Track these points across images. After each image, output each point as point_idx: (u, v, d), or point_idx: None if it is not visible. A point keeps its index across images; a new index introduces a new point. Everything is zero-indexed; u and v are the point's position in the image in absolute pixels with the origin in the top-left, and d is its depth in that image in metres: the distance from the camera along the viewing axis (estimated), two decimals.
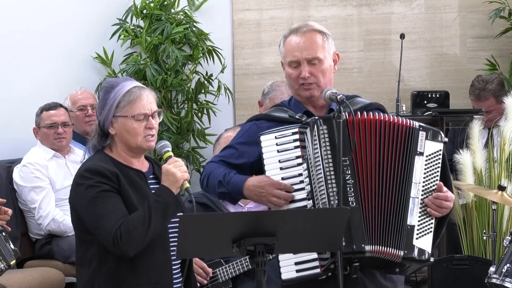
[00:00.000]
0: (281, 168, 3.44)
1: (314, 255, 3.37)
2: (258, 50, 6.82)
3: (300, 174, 3.42)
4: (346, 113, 3.40)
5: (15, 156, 6.05)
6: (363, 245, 3.33)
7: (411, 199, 3.40)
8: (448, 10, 6.84)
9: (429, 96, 6.35)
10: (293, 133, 3.45)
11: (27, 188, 5.71)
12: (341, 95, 3.40)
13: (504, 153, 5.54)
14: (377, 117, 3.44)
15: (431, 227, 3.43)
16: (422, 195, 3.43)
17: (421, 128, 3.46)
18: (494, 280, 4.50)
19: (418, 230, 3.39)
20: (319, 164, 3.37)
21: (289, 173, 3.43)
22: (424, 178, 3.44)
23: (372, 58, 6.75)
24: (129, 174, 3.53)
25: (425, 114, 6.21)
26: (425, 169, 3.44)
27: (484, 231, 5.36)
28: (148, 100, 3.57)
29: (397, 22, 6.82)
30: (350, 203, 3.35)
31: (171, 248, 3.53)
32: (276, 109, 3.66)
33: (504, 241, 4.60)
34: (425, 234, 3.41)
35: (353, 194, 3.36)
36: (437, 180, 3.45)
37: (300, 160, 3.42)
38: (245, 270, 4.56)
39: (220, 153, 3.73)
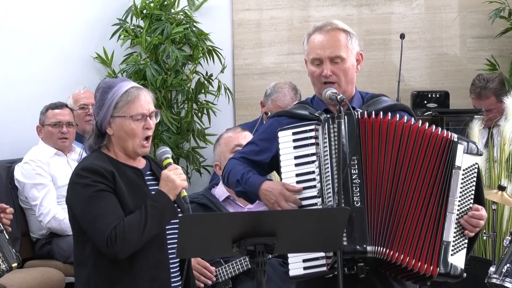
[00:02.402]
0: (296, 165, 3.44)
1: (322, 253, 3.37)
2: (258, 50, 6.82)
3: (313, 172, 3.42)
4: (359, 112, 3.41)
5: (15, 156, 6.06)
6: (364, 246, 3.32)
7: (447, 214, 3.38)
8: (448, 10, 6.84)
9: (429, 96, 6.35)
10: (310, 130, 3.45)
11: (28, 185, 5.72)
12: (340, 96, 3.40)
13: (504, 153, 5.54)
14: (418, 125, 3.42)
15: (466, 243, 3.42)
16: (458, 210, 3.40)
17: (459, 141, 3.43)
18: (494, 280, 4.50)
19: (453, 246, 3.38)
20: (328, 162, 3.38)
21: (303, 170, 3.44)
22: (461, 193, 3.41)
23: (372, 58, 6.75)
24: (125, 172, 3.53)
25: (425, 114, 6.21)
26: (461, 183, 3.41)
27: (484, 231, 5.35)
28: (146, 100, 3.57)
29: (397, 22, 6.82)
30: (355, 203, 3.34)
31: (169, 247, 3.53)
32: (298, 106, 3.68)
33: (504, 241, 4.60)
34: (459, 251, 3.39)
35: (358, 194, 3.35)
36: (472, 194, 3.43)
37: (314, 158, 3.42)
38: (245, 270, 4.56)
39: (242, 148, 3.78)
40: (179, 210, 3.56)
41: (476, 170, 3.45)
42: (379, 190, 3.38)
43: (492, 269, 4.55)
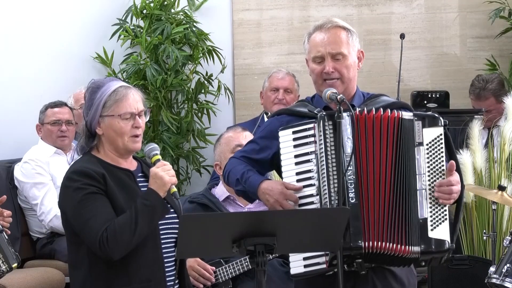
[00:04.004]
0: (296, 163, 3.46)
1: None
2: (258, 50, 6.82)
3: (312, 170, 3.43)
4: (356, 110, 3.42)
5: (15, 156, 6.06)
6: (360, 242, 3.33)
7: (418, 192, 3.39)
8: (448, 10, 6.84)
9: (429, 96, 6.35)
10: (309, 129, 3.46)
11: (28, 185, 5.72)
12: (341, 96, 3.40)
13: (504, 153, 5.54)
14: (386, 114, 3.43)
15: (445, 215, 3.41)
16: (429, 185, 3.41)
17: (415, 118, 3.44)
18: (494, 280, 4.50)
19: (431, 221, 3.38)
20: (323, 160, 3.39)
21: (302, 168, 3.45)
22: (429, 167, 3.42)
23: (372, 58, 6.74)
24: (116, 174, 3.53)
25: None
26: (427, 158, 3.42)
27: (484, 231, 5.36)
28: (135, 99, 3.56)
29: (397, 22, 6.82)
30: (350, 199, 3.36)
31: (163, 246, 3.54)
32: (298, 104, 3.70)
33: (504, 241, 4.60)
34: (439, 224, 3.39)
35: (353, 190, 3.37)
36: (443, 165, 3.42)
37: (313, 156, 3.44)
38: (245, 270, 4.56)
39: (243, 147, 3.79)
40: (172, 210, 3.57)
41: (441, 141, 3.44)
42: (369, 184, 3.39)
43: (492, 269, 4.55)
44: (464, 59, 6.83)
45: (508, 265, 4.47)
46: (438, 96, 6.35)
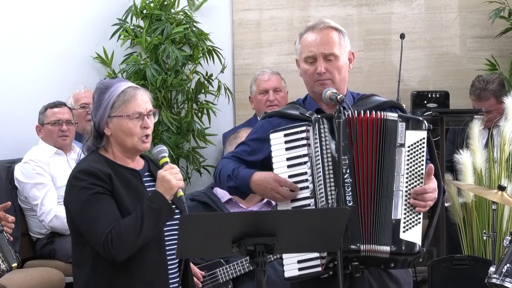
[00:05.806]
0: (288, 166, 3.45)
1: (316, 254, 3.38)
2: (258, 50, 6.82)
3: (305, 173, 3.43)
4: (350, 112, 3.41)
5: (15, 156, 6.06)
6: (358, 245, 3.34)
7: (394, 192, 3.40)
8: (448, 10, 6.84)
9: (429, 96, 6.34)
10: (301, 131, 3.46)
11: (29, 185, 5.71)
12: (341, 96, 3.40)
13: (504, 153, 5.54)
14: (373, 116, 3.44)
15: (419, 218, 3.40)
16: (406, 186, 3.41)
17: (400, 119, 3.44)
18: (494, 280, 4.50)
19: (404, 223, 3.38)
20: (319, 163, 3.39)
21: (295, 171, 3.45)
22: (408, 169, 3.42)
23: (372, 58, 6.75)
24: (123, 173, 3.53)
25: (425, 114, 6.20)
26: (407, 160, 3.42)
27: (484, 231, 5.36)
28: (143, 99, 3.56)
29: (397, 22, 6.82)
30: (347, 202, 3.36)
31: (167, 248, 3.53)
32: (290, 106, 3.69)
33: (504, 241, 4.60)
34: (412, 227, 3.38)
35: (350, 194, 3.37)
36: (422, 169, 3.42)
37: (306, 159, 3.44)
38: (246, 271, 4.56)
39: (234, 149, 3.77)
40: (177, 211, 3.56)
41: (423, 145, 3.44)
42: (363, 186, 3.40)
43: (492, 269, 4.55)
44: (464, 59, 6.83)
45: (508, 265, 4.47)
46: (438, 96, 6.34)
